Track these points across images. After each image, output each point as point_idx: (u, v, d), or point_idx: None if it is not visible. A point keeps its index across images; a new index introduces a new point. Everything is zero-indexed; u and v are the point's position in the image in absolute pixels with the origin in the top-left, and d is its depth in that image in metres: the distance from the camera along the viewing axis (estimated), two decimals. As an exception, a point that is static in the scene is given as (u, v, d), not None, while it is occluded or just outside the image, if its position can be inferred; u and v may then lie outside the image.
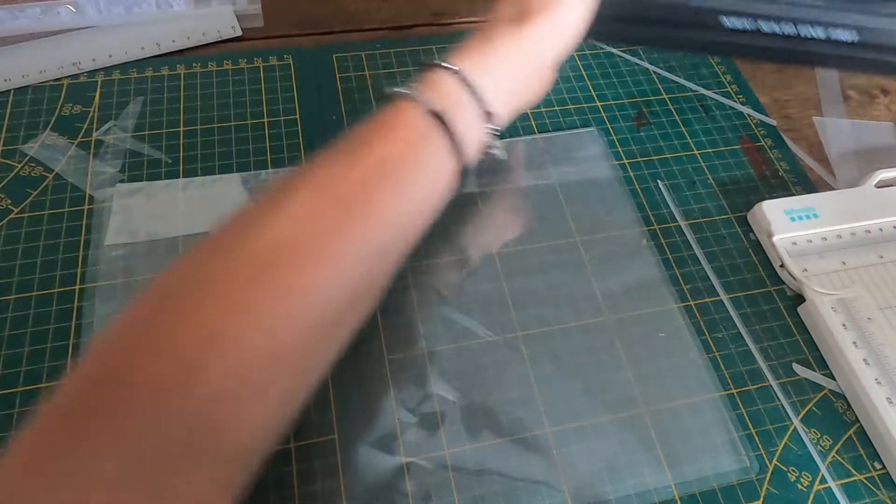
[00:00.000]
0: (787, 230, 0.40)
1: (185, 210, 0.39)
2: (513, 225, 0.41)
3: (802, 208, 0.41)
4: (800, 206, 0.41)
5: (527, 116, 0.46)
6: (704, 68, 0.51)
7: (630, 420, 0.34)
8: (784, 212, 0.40)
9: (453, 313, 0.37)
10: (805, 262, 0.39)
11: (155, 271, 0.36)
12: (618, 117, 0.47)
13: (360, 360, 0.35)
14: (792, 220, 0.40)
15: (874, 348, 0.36)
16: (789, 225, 0.40)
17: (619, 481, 0.32)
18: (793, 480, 0.33)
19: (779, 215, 0.40)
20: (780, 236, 0.40)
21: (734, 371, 0.36)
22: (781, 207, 0.41)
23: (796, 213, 0.40)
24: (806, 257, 0.40)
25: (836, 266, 0.39)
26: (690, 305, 0.39)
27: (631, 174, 0.44)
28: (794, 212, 0.40)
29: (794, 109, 0.50)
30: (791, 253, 0.39)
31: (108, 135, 0.42)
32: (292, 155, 0.42)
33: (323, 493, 0.31)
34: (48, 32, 0.46)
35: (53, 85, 0.44)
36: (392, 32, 0.51)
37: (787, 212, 0.40)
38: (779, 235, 0.40)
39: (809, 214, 0.40)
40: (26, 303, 0.35)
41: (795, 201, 0.41)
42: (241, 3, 0.49)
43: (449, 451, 0.33)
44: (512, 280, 0.38)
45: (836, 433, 0.35)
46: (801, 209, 0.41)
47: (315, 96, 0.45)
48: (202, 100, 0.44)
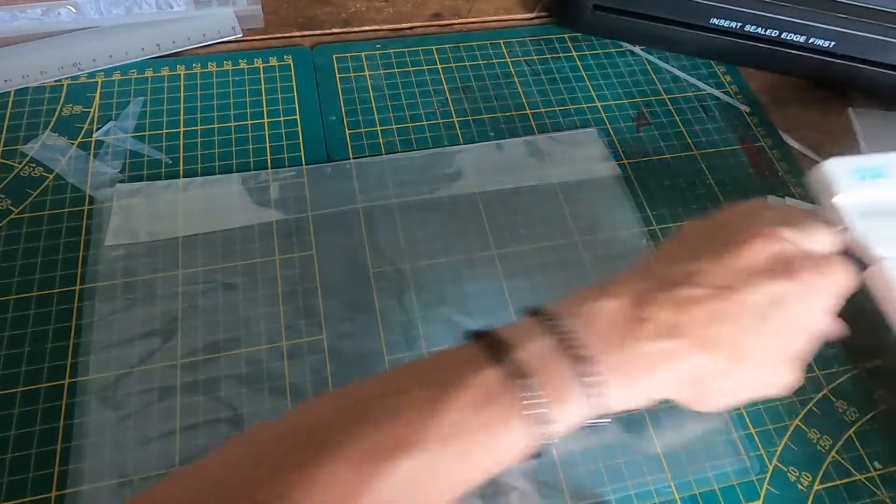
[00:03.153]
0: (854, 189, 0.35)
1: (184, 210, 0.39)
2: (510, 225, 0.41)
3: (870, 167, 0.36)
4: (868, 164, 0.36)
5: (526, 117, 0.46)
6: (704, 68, 0.51)
7: (630, 420, 0.34)
8: (854, 170, 0.35)
9: (453, 313, 0.37)
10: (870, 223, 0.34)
11: (155, 271, 0.36)
12: (618, 117, 0.47)
13: (360, 360, 0.35)
14: (861, 178, 0.35)
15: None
16: (856, 183, 0.35)
17: (619, 481, 0.32)
18: (793, 480, 0.33)
19: (845, 175, 0.35)
20: (843, 196, 0.35)
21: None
22: (852, 165, 0.35)
23: (864, 172, 0.35)
24: (873, 217, 0.34)
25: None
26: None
27: (631, 174, 0.44)
28: (862, 170, 0.35)
29: (794, 109, 0.50)
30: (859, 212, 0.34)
31: (108, 135, 0.42)
32: (292, 155, 0.42)
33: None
34: (49, 33, 0.46)
35: (54, 85, 0.44)
36: (392, 32, 0.51)
37: (857, 170, 0.35)
38: (842, 195, 0.35)
39: (878, 174, 0.35)
40: (26, 303, 0.35)
41: (864, 160, 0.36)
42: (241, 4, 0.49)
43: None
44: (512, 280, 0.38)
45: (836, 433, 0.35)
46: (869, 167, 0.36)
47: (315, 96, 0.46)
48: (202, 100, 0.44)
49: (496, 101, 0.47)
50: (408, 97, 0.46)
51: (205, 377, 0.34)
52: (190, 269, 0.37)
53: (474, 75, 0.48)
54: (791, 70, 0.51)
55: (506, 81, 0.48)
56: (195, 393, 0.33)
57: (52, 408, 0.32)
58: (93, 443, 0.31)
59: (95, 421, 0.32)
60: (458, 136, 0.45)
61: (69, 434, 0.32)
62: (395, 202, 0.40)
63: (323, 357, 0.35)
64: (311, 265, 0.38)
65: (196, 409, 0.33)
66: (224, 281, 0.37)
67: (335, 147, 0.43)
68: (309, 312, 0.36)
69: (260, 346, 0.35)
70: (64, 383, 0.33)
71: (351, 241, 0.39)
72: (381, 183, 0.41)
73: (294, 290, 0.37)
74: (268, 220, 0.39)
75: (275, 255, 0.38)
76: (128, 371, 0.33)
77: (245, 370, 0.34)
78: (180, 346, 0.34)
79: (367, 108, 0.45)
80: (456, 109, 0.46)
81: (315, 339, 0.35)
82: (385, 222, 0.40)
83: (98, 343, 0.34)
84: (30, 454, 0.31)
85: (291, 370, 0.34)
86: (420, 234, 0.39)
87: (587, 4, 0.49)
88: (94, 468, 0.31)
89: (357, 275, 0.38)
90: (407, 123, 0.45)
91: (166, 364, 0.34)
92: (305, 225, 0.39)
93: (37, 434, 0.32)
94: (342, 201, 0.40)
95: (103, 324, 0.35)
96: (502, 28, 0.52)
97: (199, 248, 0.38)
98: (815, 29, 0.46)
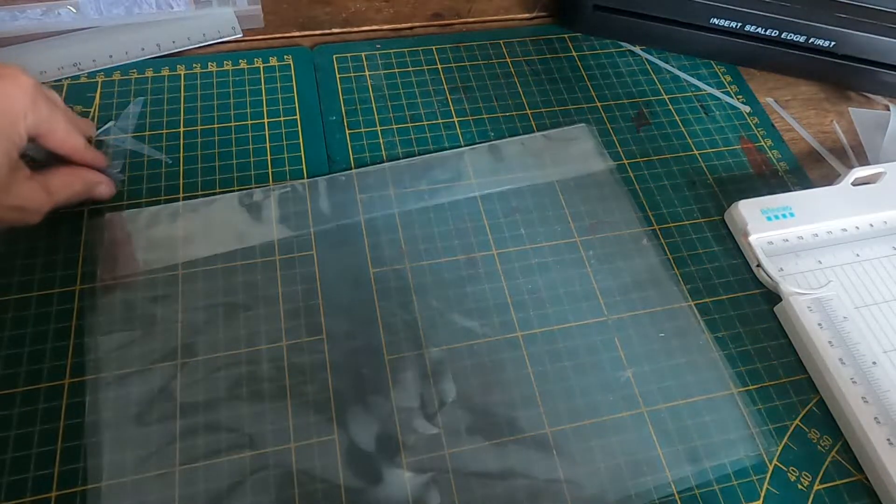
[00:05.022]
0: (763, 229, 0.40)
1: (183, 236, 0.38)
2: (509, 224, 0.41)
3: (778, 207, 0.40)
4: (776, 205, 0.41)
5: (526, 116, 0.46)
6: (704, 68, 0.51)
7: (630, 419, 0.34)
8: (760, 211, 0.40)
9: (453, 313, 0.37)
10: (781, 261, 0.39)
11: (155, 300, 0.36)
12: (618, 117, 0.47)
13: (359, 360, 0.35)
14: (768, 220, 0.40)
15: (849, 347, 0.36)
16: (765, 224, 0.40)
17: (619, 482, 0.32)
18: (793, 480, 0.33)
19: (755, 215, 0.40)
20: (757, 236, 0.40)
21: (735, 371, 0.36)
22: (758, 207, 0.40)
23: (772, 213, 0.40)
24: (782, 256, 0.39)
25: (812, 265, 0.39)
26: (691, 305, 0.38)
27: (631, 174, 0.44)
28: (770, 211, 0.40)
29: (794, 110, 0.50)
30: (767, 252, 0.39)
31: (108, 135, 0.42)
32: (292, 155, 0.42)
33: (323, 493, 0.31)
34: (48, 33, 0.46)
35: (54, 86, 0.44)
36: (392, 32, 0.51)
37: (764, 211, 0.40)
38: (755, 235, 0.40)
39: (786, 213, 0.40)
40: (26, 303, 0.35)
41: (771, 200, 0.41)
42: (241, 4, 0.49)
43: (449, 452, 0.33)
44: (512, 280, 0.38)
45: (836, 433, 0.35)
46: (777, 208, 0.40)
47: (315, 96, 0.46)
48: (202, 100, 0.44)
49: (496, 101, 0.47)
50: (408, 97, 0.46)
51: (206, 398, 0.33)
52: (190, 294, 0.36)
53: (474, 75, 0.48)
54: (791, 70, 0.51)
55: (506, 81, 0.48)
56: (196, 413, 0.33)
57: (52, 408, 0.32)
58: (92, 443, 0.31)
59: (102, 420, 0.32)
60: (458, 136, 0.45)
61: (69, 434, 0.32)
62: (396, 211, 0.40)
63: (326, 373, 0.35)
64: (312, 279, 0.38)
65: (197, 425, 0.33)
66: (225, 301, 0.36)
67: (335, 147, 0.43)
68: (311, 329, 0.36)
69: (261, 355, 0.35)
70: (64, 383, 0.33)
71: (353, 251, 0.39)
72: (383, 193, 0.41)
73: (297, 306, 0.36)
74: (270, 239, 0.38)
75: (276, 271, 0.37)
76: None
77: (246, 386, 0.34)
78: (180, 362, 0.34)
79: (367, 108, 0.45)
80: (456, 109, 0.46)
81: (317, 345, 0.35)
82: (386, 230, 0.40)
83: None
84: (29, 454, 0.31)
85: (293, 384, 0.34)
86: (421, 236, 0.40)
87: (587, 4, 0.49)
88: (93, 468, 0.31)
89: (359, 283, 0.38)
90: (407, 123, 0.45)
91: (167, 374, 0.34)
92: (308, 241, 0.39)
93: (37, 434, 0.32)
94: (344, 214, 0.40)
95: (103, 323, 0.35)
96: (502, 28, 0.52)
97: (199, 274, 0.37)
98: (815, 29, 0.46)
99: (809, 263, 0.39)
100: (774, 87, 0.51)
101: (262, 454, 0.32)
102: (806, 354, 0.37)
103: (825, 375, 0.35)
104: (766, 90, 0.50)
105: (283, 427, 0.33)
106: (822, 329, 0.36)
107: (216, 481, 0.31)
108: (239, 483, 0.31)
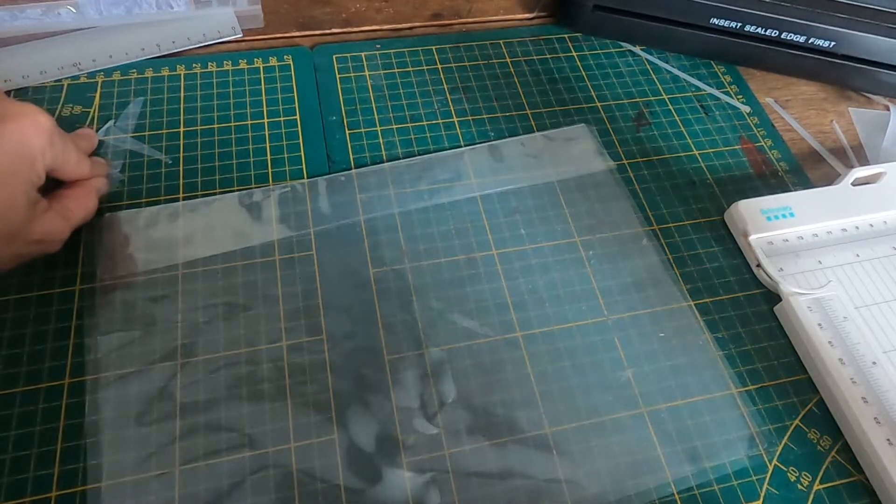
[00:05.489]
0: (763, 230, 0.40)
1: (183, 236, 0.38)
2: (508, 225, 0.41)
3: (778, 207, 0.40)
4: (776, 205, 0.41)
5: (526, 116, 0.46)
6: (704, 68, 0.51)
7: (630, 419, 0.34)
8: (760, 211, 0.40)
9: (453, 313, 0.37)
10: (781, 261, 0.39)
11: (154, 300, 0.36)
12: (618, 117, 0.47)
13: (359, 360, 0.35)
14: (768, 220, 0.40)
15: (849, 347, 0.36)
16: (765, 224, 0.40)
17: (619, 482, 0.32)
18: (793, 480, 0.33)
19: (755, 215, 0.40)
20: (756, 236, 0.40)
21: (735, 371, 0.36)
22: (758, 207, 0.40)
23: (772, 213, 0.40)
24: (782, 257, 0.39)
25: (812, 265, 0.39)
26: (691, 305, 0.39)
27: (631, 174, 0.44)
28: (770, 211, 0.40)
29: (794, 110, 0.50)
30: (767, 252, 0.39)
31: (108, 135, 0.42)
32: (292, 155, 0.42)
33: (323, 493, 0.31)
34: (48, 33, 0.46)
35: (54, 86, 0.44)
36: (392, 32, 0.51)
37: (764, 211, 0.40)
38: (755, 235, 0.40)
39: (786, 213, 0.40)
40: (26, 303, 0.35)
41: (771, 200, 0.41)
42: (241, 4, 0.49)
43: (449, 452, 0.33)
44: (512, 280, 0.38)
45: (836, 433, 0.35)
46: (777, 208, 0.40)
47: (315, 96, 0.46)
48: (202, 100, 0.44)
49: (496, 102, 0.47)
50: (408, 97, 0.46)
51: (206, 398, 0.33)
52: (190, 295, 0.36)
53: (474, 75, 0.48)
54: (791, 70, 0.51)
55: (506, 81, 0.48)
56: (195, 413, 0.33)
57: (52, 408, 0.32)
58: (93, 442, 0.31)
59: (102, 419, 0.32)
60: (458, 136, 0.45)
61: (69, 434, 0.32)
62: (396, 211, 0.40)
63: (326, 373, 0.35)
64: (312, 279, 0.38)
65: (197, 426, 0.33)
66: (225, 301, 0.36)
67: (335, 147, 0.43)
68: (311, 329, 0.36)
69: (261, 355, 0.35)
70: (64, 383, 0.33)
71: (353, 251, 0.39)
72: (383, 193, 0.41)
73: (297, 306, 0.36)
74: (269, 239, 0.38)
75: (276, 271, 0.37)
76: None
77: (246, 386, 0.34)
78: (180, 363, 0.34)
79: (367, 108, 0.45)
80: (456, 109, 0.46)
81: (317, 345, 0.35)
82: (386, 230, 0.40)
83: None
84: (29, 454, 0.31)
85: (293, 384, 0.34)
86: (421, 236, 0.40)
87: (587, 4, 0.49)
88: (93, 468, 0.31)
89: (359, 283, 0.38)
90: (407, 123, 0.45)
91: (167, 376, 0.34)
92: (308, 241, 0.39)
93: (37, 434, 0.32)
94: (344, 214, 0.40)
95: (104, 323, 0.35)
96: (502, 28, 0.52)
97: (199, 275, 0.37)
98: (815, 29, 0.46)
99: (809, 263, 0.39)
100: (774, 87, 0.51)
101: (262, 454, 0.32)
102: (806, 354, 0.37)
103: (825, 375, 0.35)
104: (766, 90, 0.50)
105: (283, 427, 0.33)
106: (822, 329, 0.36)
107: (216, 481, 0.31)
108: (239, 483, 0.31)
